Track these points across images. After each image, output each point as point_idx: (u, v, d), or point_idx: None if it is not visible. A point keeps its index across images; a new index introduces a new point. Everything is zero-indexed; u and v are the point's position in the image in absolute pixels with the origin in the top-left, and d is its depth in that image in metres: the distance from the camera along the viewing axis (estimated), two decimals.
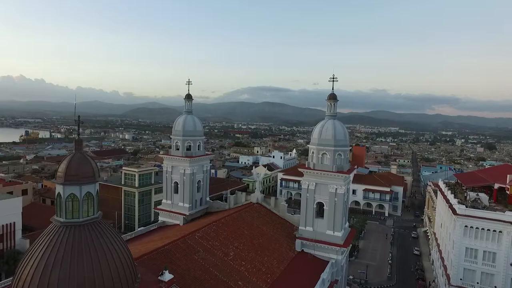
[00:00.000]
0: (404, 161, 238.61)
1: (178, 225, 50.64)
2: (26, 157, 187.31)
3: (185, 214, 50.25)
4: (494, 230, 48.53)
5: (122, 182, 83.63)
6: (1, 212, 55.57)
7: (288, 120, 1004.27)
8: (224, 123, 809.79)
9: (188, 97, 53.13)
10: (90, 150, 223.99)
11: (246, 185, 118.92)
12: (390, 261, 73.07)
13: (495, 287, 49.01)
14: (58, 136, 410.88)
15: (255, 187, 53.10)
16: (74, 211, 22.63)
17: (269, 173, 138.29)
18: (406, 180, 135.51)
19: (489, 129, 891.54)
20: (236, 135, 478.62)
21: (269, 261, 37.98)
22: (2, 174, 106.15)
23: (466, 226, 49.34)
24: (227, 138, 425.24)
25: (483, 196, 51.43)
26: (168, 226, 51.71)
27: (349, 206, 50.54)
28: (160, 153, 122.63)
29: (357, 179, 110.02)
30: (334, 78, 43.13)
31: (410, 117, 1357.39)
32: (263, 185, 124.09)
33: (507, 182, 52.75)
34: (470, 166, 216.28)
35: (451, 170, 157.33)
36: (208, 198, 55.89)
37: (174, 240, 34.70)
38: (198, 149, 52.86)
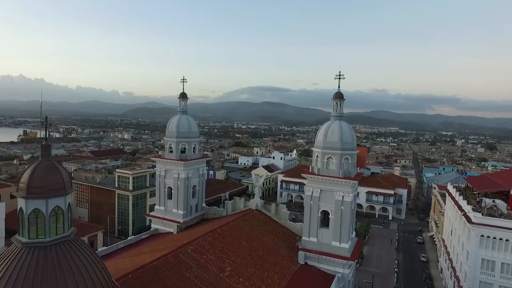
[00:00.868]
0: (405, 161, 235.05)
1: (172, 233, 47.20)
2: (23, 157, 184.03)
3: (179, 222, 46.78)
4: None
5: (116, 185, 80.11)
6: None
7: (288, 120, 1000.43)
8: (224, 123, 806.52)
9: (182, 96, 49.63)
10: (88, 150, 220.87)
11: (245, 187, 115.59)
12: (396, 269, 69.52)
13: None
14: (57, 135, 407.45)
15: (255, 192, 49.61)
16: (39, 230, 19.13)
17: (269, 174, 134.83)
18: (409, 182, 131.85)
19: (489, 129, 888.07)
20: (235, 135, 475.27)
21: (269, 276, 34.49)
22: None
23: (482, 236, 45.76)
24: (227, 138, 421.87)
25: (500, 203, 47.80)
26: (161, 234, 48.26)
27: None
28: (159, 153, 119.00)
29: (359, 181, 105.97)
30: (340, 75, 39.60)
31: (410, 117, 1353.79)
32: (263, 187, 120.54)
33: None
34: (473, 167, 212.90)
35: (458, 172, 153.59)
36: (204, 204, 52.41)
37: (164, 254, 31.20)
38: (194, 151, 49.36)
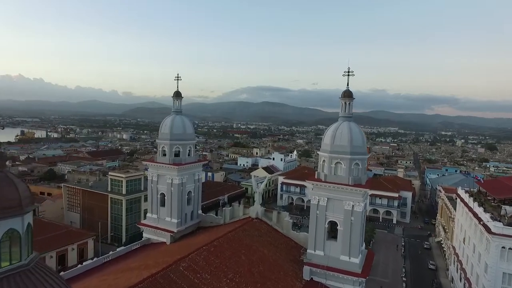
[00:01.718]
0: (406, 162, 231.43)
1: (165, 243, 43.49)
2: (20, 157, 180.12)
3: (172, 232, 43.03)
4: None
5: (109, 189, 76.30)
6: None
7: (287, 120, 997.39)
8: (223, 123, 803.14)
9: (177, 94, 45.87)
10: (85, 151, 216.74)
11: (244, 189, 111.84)
12: (404, 278, 65.89)
13: None
14: (55, 135, 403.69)
15: (255, 199, 45.80)
16: None
17: (269, 176, 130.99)
18: (413, 184, 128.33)
19: (488, 129, 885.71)
20: (235, 135, 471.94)
21: None
22: None
23: (504, 248, 42.07)
24: (226, 138, 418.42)
25: None
26: (153, 244, 44.57)
27: None
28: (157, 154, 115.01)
29: None
30: (349, 72, 35.87)
31: (409, 117, 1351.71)
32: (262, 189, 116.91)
33: None
34: (476, 168, 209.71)
35: (462, 174, 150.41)
36: (200, 211, 48.66)
37: (152, 274, 27.45)
38: (189, 154, 45.60)
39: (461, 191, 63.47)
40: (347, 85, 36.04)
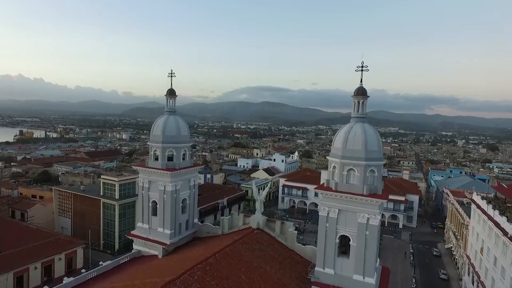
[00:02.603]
0: (408, 163, 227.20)
1: (156, 257, 39.50)
2: (17, 157, 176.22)
3: (165, 244, 39.00)
4: None
5: (101, 193, 72.23)
6: None
7: (287, 120, 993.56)
8: (223, 123, 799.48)
9: (170, 93, 41.89)
10: (84, 151, 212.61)
11: (244, 192, 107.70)
12: None
13: None
14: (54, 135, 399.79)
15: (256, 207, 41.73)
16: None
17: (270, 178, 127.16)
18: (419, 186, 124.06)
19: (488, 129, 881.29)
20: (235, 135, 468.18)
21: None
22: None
23: None
24: (226, 138, 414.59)
25: None
26: (143, 257, 40.62)
27: None
28: None
29: None
30: (363, 67, 31.78)
31: (409, 117, 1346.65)
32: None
33: None
34: (480, 169, 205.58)
35: (469, 175, 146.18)
36: (196, 220, 44.67)
37: None
38: (183, 158, 41.61)
39: (476, 197, 59.34)
40: (361, 81, 31.99)
